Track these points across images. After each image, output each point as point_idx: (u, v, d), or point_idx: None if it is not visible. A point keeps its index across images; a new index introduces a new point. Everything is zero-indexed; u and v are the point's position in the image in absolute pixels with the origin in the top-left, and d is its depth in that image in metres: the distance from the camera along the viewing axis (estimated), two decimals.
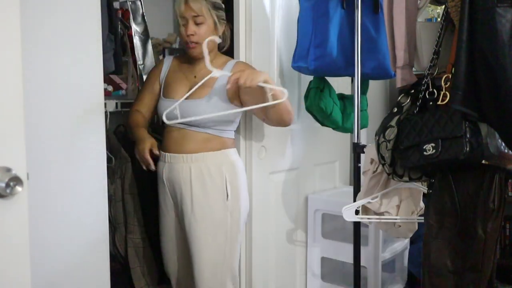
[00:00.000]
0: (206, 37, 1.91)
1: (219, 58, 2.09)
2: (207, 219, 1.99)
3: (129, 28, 2.38)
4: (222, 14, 2.04)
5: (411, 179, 1.69)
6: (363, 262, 2.17)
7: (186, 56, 2.10)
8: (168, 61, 2.16)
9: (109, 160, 2.15)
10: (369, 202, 1.89)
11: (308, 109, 2.35)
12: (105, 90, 2.14)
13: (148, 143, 1.96)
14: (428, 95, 1.59)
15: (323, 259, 2.64)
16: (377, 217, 1.91)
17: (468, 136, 1.40)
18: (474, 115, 1.39)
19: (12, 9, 1.13)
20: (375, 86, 2.92)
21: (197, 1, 1.96)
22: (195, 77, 2.04)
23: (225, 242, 2.01)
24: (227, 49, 2.17)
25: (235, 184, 2.02)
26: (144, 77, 2.38)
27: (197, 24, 1.97)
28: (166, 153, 2.04)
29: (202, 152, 1.99)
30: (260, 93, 1.87)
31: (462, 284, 1.50)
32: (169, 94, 2.05)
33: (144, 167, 2.01)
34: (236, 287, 2.08)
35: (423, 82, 1.61)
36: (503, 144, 1.46)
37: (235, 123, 2.09)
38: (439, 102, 1.54)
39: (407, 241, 2.69)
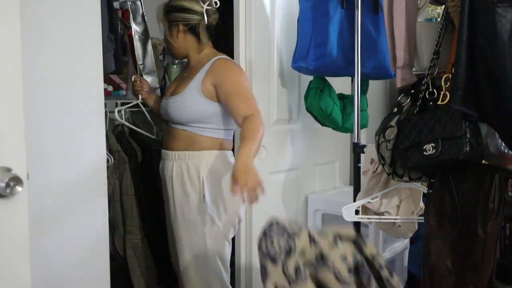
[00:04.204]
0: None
1: (204, 54, 2.06)
2: (184, 219, 1.97)
3: (129, 28, 2.38)
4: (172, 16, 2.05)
5: (411, 179, 1.69)
6: None
7: None
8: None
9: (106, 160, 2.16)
10: (369, 202, 1.89)
11: (308, 109, 2.36)
12: (105, 90, 2.13)
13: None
14: (428, 95, 1.59)
15: None
16: (377, 217, 1.91)
17: (468, 136, 1.40)
18: (474, 115, 1.39)
19: (12, 9, 1.13)
20: (375, 86, 2.92)
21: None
22: (185, 74, 2.09)
23: (200, 245, 1.96)
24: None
25: (216, 188, 1.95)
26: (144, 77, 2.39)
27: None
28: (162, 150, 2.10)
29: (184, 150, 1.98)
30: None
31: (462, 284, 1.50)
32: (165, 94, 2.15)
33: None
34: None
35: (423, 82, 1.61)
36: (503, 144, 1.46)
37: (213, 122, 1.98)
38: (439, 102, 1.54)
39: (407, 241, 2.69)
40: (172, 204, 2.00)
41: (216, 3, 2.03)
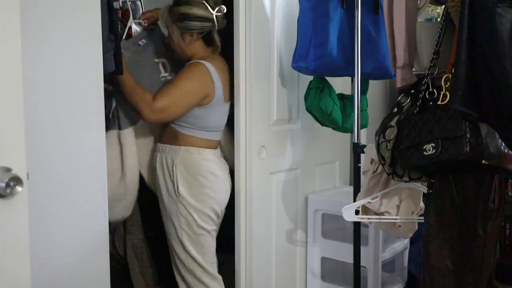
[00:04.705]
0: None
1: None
2: (166, 209, 2.13)
3: (129, 28, 2.38)
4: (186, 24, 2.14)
5: (411, 179, 1.69)
6: (363, 262, 2.17)
7: None
8: None
9: None
10: (369, 202, 1.89)
11: (308, 109, 2.35)
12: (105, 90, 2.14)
13: None
14: (428, 95, 1.59)
15: (323, 259, 2.64)
16: (377, 217, 1.91)
17: (468, 136, 1.40)
18: (474, 115, 1.39)
19: (12, 9, 1.13)
20: (375, 86, 2.92)
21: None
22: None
23: (176, 234, 2.10)
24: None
25: (189, 181, 2.09)
26: None
27: None
28: None
29: (166, 144, 2.15)
30: None
31: (462, 284, 1.50)
32: None
33: None
34: (214, 282, 2.14)
35: (423, 82, 1.61)
36: (503, 144, 1.46)
37: (189, 122, 2.12)
38: (439, 102, 1.54)
39: (407, 241, 2.69)
40: (160, 195, 2.16)
41: (224, 9, 2.13)
